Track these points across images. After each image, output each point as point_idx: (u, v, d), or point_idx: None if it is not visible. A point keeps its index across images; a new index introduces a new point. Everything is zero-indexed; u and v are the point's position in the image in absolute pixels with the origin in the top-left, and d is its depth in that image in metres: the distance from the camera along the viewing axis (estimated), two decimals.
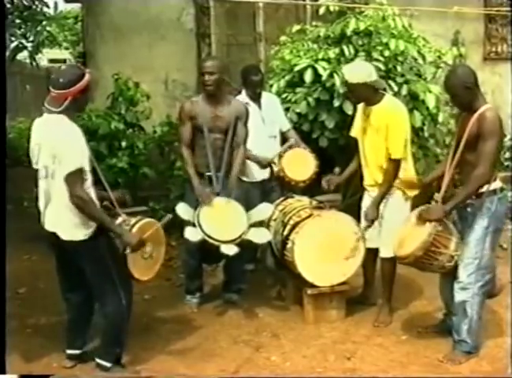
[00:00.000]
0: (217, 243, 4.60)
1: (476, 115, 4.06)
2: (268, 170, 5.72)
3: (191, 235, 4.63)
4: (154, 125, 7.07)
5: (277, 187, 5.78)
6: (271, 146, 5.72)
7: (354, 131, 5.03)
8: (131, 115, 6.81)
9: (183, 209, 4.74)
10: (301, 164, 5.58)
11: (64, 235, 3.88)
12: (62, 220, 3.87)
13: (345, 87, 5.56)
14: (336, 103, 5.98)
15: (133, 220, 4.13)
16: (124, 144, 6.68)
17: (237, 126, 5.09)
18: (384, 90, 4.86)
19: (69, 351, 4.31)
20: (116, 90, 6.82)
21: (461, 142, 4.14)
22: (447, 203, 4.16)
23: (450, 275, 4.31)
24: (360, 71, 4.73)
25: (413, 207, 4.64)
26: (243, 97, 5.71)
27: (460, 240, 4.17)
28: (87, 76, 3.87)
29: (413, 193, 4.76)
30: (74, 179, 3.73)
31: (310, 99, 6.05)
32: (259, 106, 5.72)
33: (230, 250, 4.60)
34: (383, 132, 4.70)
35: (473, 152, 4.09)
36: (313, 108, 6.08)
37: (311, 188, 5.52)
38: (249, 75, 5.72)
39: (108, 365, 4.14)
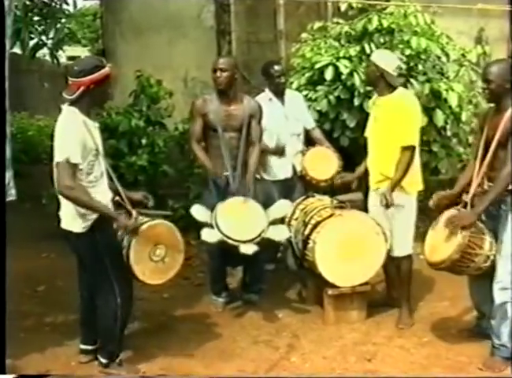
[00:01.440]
0: (236, 244, 4.57)
1: (508, 113, 4.02)
2: (290, 169, 5.71)
3: (208, 236, 4.60)
4: (175, 122, 7.08)
5: (300, 185, 5.75)
6: (294, 144, 5.72)
7: (367, 132, 5.07)
8: (154, 112, 6.83)
9: (198, 211, 4.70)
10: (323, 164, 5.58)
11: (65, 226, 3.94)
12: (64, 210, 3.94)
13: (366, 84, 5.63)
14: (357, 102, 5.96)
15: (146, 219, 4.13)
16: (144, 142, 6.71)
17: (251, 124, 5.09)
18: (405, 86, 4.85)
19: (83, 346, 4.35)
20: (139, 87, 6.84)
21: (491, 141, 4.09)
22: (477, 205, 4.10)
23: (481, 277, 4.24)
24: (382, 55, 4.85)
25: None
26: (267, 93, 5.72)
27: (493, 239, 4.10)
28: (105, 69, 3.88)
29: (415, 189, 4.78)
30: (61, 169, 3.73)
31: (331, 97, 6.03)
32: (282, 103, 5.72)
33: (249, 249, 4.57)
34: (392, 122, 4.71)
35: (503, 150, 4.05)
36: (334, 106, 6.06)
37: (333, 188, 5.51)
38: (270, 70, 5.70)
39: (103, 361, 4.17)
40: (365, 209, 5.04)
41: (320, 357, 4.44)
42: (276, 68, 5.69)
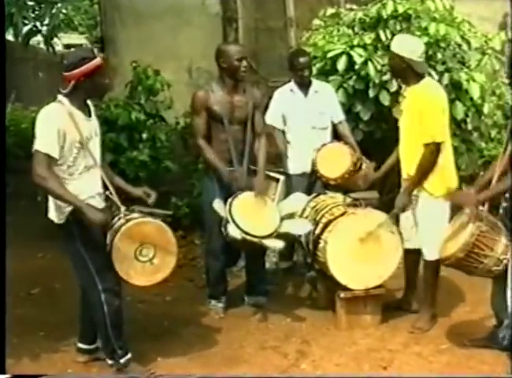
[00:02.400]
0: (256, 240, 4.63)
1: None
2: (309, 163, 5.70)
3: (234, 232, 4.63)
4: (177, 116, 7.09)
5: (320, 182, 5.75)
6: (314, 138, 5.72)
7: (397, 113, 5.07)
8: (151, 105, 6.86)
9: (219, 205, 4.75)
10: (334, 161, 5.56)
11: (50, 216, 4.10)
12: (49, 202, 4.10)
13: (381, 74, 5.67)
14: (372, 93, 5.96)
15: (135, 216, 4.17)
16: (145, 136, 6.73)
17: (255, 115, 5.10)
18: (430, 75, 4.81)
19: (80, 345, 4.44)
20: (135, 78, 6.87)
21: None
22: (484, 192, 4.14)
23: (498, 281, 4.25)
24: (404, 43, 4.79)
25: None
26: (291, 84, 5.77)
27: (511, 243, 4.10)
28: (95, 60, 3.96)
29: (442, 190, 4.71)
30: (36, 158, 3.85)
31: (344, 88, 6.04)
32: (305, 94, 5.75)
33: (276, 243, 4.67)
34: (417, 115, 4.66)
35: None
36: (347, 98, 6.07)
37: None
38: (294, 61, 5.73)
39: (109, 361, 4.25)
40: (385, 208, 5.03)
41: (332, 365, 4.43)
42: (301, 60, 5.71)
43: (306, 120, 5.70)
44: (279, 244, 4.66)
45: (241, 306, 5.41)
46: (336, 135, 5.87)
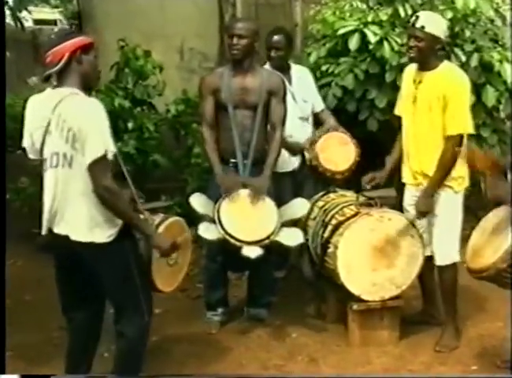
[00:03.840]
0: (238, 244, 4.60)
1: None
2: (298, 159, 5.72)
3: (207, 231, 4.61)
4: (167, 103, 7.05)
5: (310, 178, 5.74)
6: (302, 130, 5.73)
7: (399, 108, 5.03)
8: (141, 90, 6.81)
9: (198, 201, 4.74)
10: (338, 152, 5.53)
11: (82, 237, 3.78)
12: (80, 218, 3.79)
13: (399, 56, 5.70)
14: (389, 78, 5.96)
15: (158, 219, 4.13)
16: (130, 125, 6.66)
17: (271, 102, 5.08)
18: (448, 58, 4.85)
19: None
20: (122, 59, 6.82)
21: None
22: None
23: None
24: (439, 22, 4.80)
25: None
26: (267, 68, 5.66)
27: None
28: (87, 37, 3.89)
29: (461, 185, 4.79)
30: (100, 166, 3.65)
31: (357, 72, 6.04)
32: (289, 81, 5.69)
33: (252, 252, 4.57)
34: (439, 104, 4.66)
35: None
36: (361, 82, 6.07)
37: (357, 181, 5.40)
38: (267, 37, 5.71)
39: None
40: (399, 208, 5.04)
41: None
42: (275, 38, 5.70)
43: (294, 110, 5.62)
44: (253, 253, 4.57)
45: (240, 320, 5.40)
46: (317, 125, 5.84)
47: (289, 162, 5.70)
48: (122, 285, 3.92)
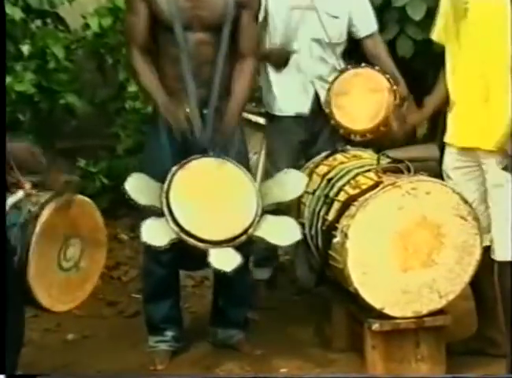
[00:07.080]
0: (202, 246, 3.80)
1: None
2: (308, 102, 4.81)
3: (154, 234, 3.83)
4: (84, 14, 6.03)
5: (327, 132, 4.85)
6: (317, 60, 4.83)
7: (438, 33, 4.30)
8: None
9: (137, 185, 3.89)
10: (362, 102, 4.63)
11: None
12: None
13: None
14: None
15: (45, 197, 3.67)
16: (26, 49, 5.55)
17: (241, 20, 4.20)
18: None
19: None
20: None
21: None
22: None
23: None
24: None
25: None
26: None
27: None
28: None
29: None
30: None
31: None
32: None
33: (225, 259, 3.81)
34: (499, 29, 3.93)
35: None
36: None
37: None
38: None
39: None
40: (440, 175, 4.23)
41: None
42: None
43: (304, 24, 4.80)
44: (228, 263, 3.77)
45: (202, 348, 4.48)
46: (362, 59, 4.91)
47: (290, 102, 4.88)
48: None
